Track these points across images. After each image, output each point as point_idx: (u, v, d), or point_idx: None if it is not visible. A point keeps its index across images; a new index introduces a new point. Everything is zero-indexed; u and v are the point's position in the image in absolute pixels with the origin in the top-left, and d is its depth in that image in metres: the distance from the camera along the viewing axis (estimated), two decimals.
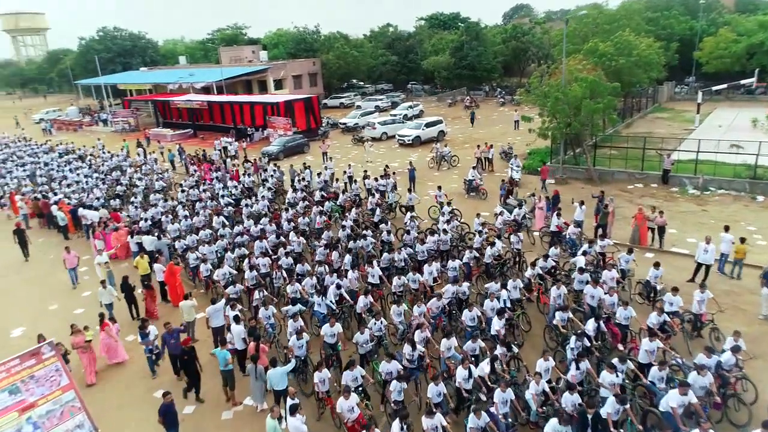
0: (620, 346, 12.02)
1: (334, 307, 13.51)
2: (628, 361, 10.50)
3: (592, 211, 19.74)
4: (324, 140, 35.05)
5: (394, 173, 25.51)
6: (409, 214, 19.34)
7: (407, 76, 65.41)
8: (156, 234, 18.76)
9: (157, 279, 16.36)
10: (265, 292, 14.32)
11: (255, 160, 29.58)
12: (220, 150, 36.34)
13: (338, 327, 11.90)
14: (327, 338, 11.88)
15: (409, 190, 22.17)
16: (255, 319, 13.19)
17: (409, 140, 36.47)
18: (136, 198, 23.61)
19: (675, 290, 12.75)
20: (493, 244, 16.11)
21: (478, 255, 16.03)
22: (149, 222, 20.50)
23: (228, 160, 31.50)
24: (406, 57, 63.96)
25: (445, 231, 17.27)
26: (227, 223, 19.95)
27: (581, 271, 13.88)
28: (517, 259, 16.76)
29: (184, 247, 17.94)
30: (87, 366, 12.81)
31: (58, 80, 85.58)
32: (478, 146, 29.39)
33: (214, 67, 56.56)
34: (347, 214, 20.32)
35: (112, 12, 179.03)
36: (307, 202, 21.70)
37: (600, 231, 18.42)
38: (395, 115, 43.09)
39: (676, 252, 18.03)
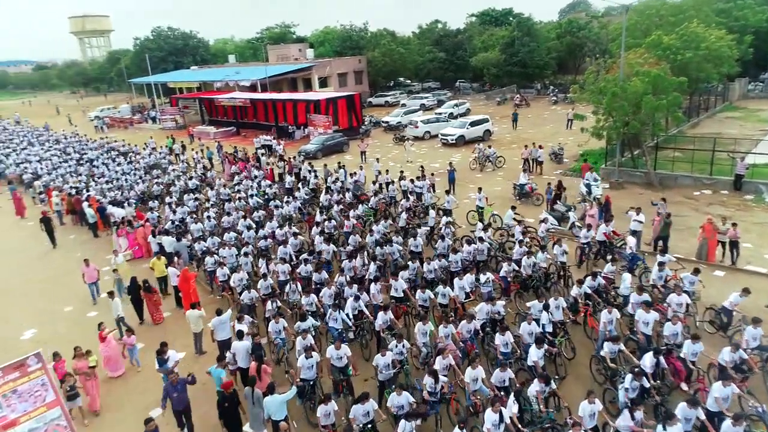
0: (684, 386, 10.07)
1: (350, 323, 12.12)
2: (699, 408, 8.58)
3: (650, 219, 17.53)
4: (363, 139, 33.80)
5: (432, 174, 23.94)
6: (444, 219, 17.73)
7: (455, 74, 63.36)
8: (177, 234, 18.01)
9: (171, 283, 15.52)
10: (279, 303, 13.11)
11: (289, 159, 28.64)
12: (258, 148, 35.80)
13: (345, 350, 10.50)
14: (334, 361, 10.52)
15: (447, 192, 20.57)
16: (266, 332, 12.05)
17: (452, 139, 34.71)
18: (171, 197, 23.07)
19: (757, 322, 10.58)
20: (532, 254, 14.34)
21: (517, 268, 14.28)
22: (174, 222, 19.82)
23: (263, 158, 30.75)
24: (454, 54, 61.92)
25: (481, 239, 15.60)
26: (253, 225, 18.98)
27: (641, 290, 11.90)
28: (562, 274, 14.85)
29: (204, 249, 17.07)
30: (90, 394, 11.44)
31: (117, 79, 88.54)
32: (526, 146, 27.34)
33: (260, 65, 56.50)
34: (379, 217, 18.98)
35: (169, 12, 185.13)
36: (342, 206, 20.24)
37: (660, 244, 16.24)
38: (440, 114, 41.36)
39: (751, 271, 15.61)
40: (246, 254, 16.01)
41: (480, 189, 20.38)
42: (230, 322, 12.25)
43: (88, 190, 24.66)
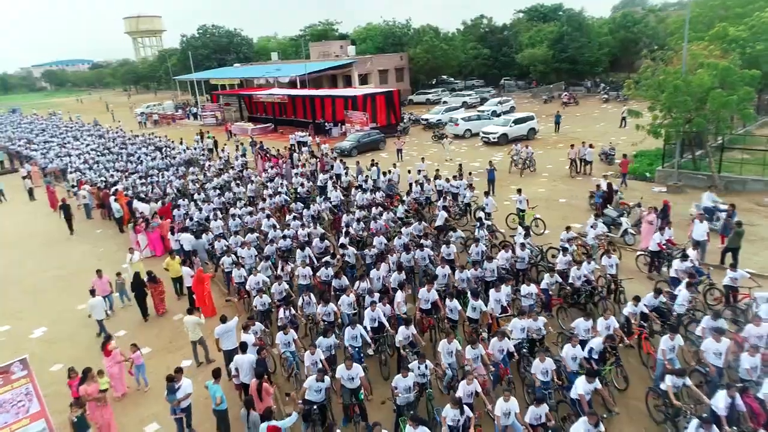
0: None
1: (368, 338, 10.81)
2: None
3: (717, 229, 15.48)
4: (399, 137, 32.46)
5: (470, 173, 22.38)
6: (483, 222, 16.17)
7: (500, 71, 61.16)
8: (196, 232, 17.20)
9: (185, 284, 14.65)
10: (293, 311, 11.95)
11: (321, 156, 27.60)
12: (292, 145, 35.05)
13: (357, 370, 9.22)
14: (345, 382, 9.24)
15: (486, 194, 18.97)
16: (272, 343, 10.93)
17: (494, 138, 32.92)
18: (199, 194, 22.31)
19: None
20: (579, 264, 12.66)
21: (560, 280, 12.64)
22: (194, 219, 19.07)
23: (295, 154, 29.88)
24: (500, 50, 59.76)
25: (522, 246, 14.01)
26: (277, 225, 17.96)
27: (716, 316, 10.07)
28: (613, 288, 13.09)
29: (224, 248, 16.16)
30: (101, 423, 9.72)
31: (165, 77, 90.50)
32: (572, 146, 25.33)
33: (301, 62, 56.07)
34: (409, 218, 17.64)
35: (220, 12, 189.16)
36: (381, 209, 18.41)
37: (730, 257, 14.21)
38: (482, 111, 39.55)
39: None
40: (267, 258, 14.92)
41: (520, 191, 18.70)
42: (238, 330, 11.15)
43: (115, 185, 24.29)
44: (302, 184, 22.66)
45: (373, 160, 25.44)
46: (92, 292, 13.72)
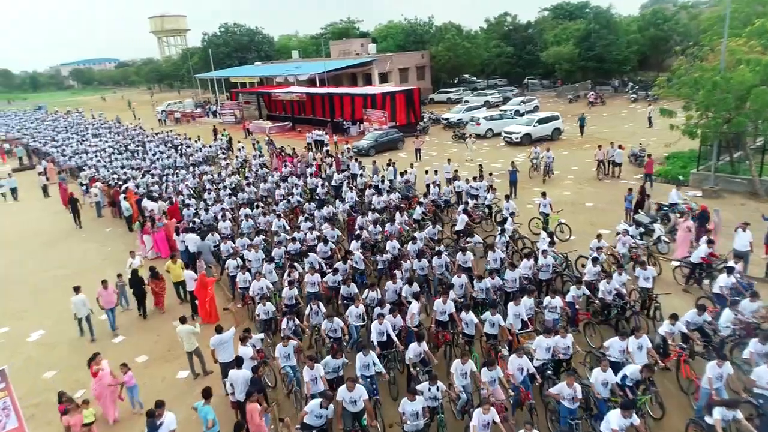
0: None
1: (382, 367, 9.54)
2: None
3: (761, 238, 14.17)
4: (418, 136, 31.47)
5: (491, 174, 21.31)
6: (505, 228, 15.11)
7: (524, 70, 59.64)
8: (201, 233, 16.53)
9: (187, 288, 13.93)
10: (297, 321, 11.08)
11: (337, 155, 26.77)
12: (310, 143, 34.37)
13: (361, 391, 8.32)
14: (347, 405, 8.35)
15: (507, 197, 17.87)
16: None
17: (517, 138, 31.70)
18: (209, 194, 21.63)
19: None
20: (609, 277, 11.55)
21: (588, 292, 11.55)
22: (202, 219, 18.42)
23: (310, 153, 29.11)
24: (524, 48, 58.26)
25: (544, 253, 12.95)
26: (287, 227, 17.15)
27: (764, 339, 8.91)
28: (647, 304, 11.94)
29: (230, 251, 15.43)
30: None
31: (187, 76, 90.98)
32: (600, 146, 24.02)
33: (321, 60, 55.45)
34: (426, 222, 16.68)
35: (246, 12, 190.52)
36: (404, 216, 17.07)
37: None
38: (504, 111, 38.34)
39: None
40: (271, 259, 14.11)
41: (544, 194, 17.59)
42: (236, 342, 10.34)
43: (125, 182, 23.80)
44: (322, 185, 21.61)
45: (390, 159, 24.51)
46: (76, 289, 13.13)
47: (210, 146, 33.45)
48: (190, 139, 36.23)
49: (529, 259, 12.97)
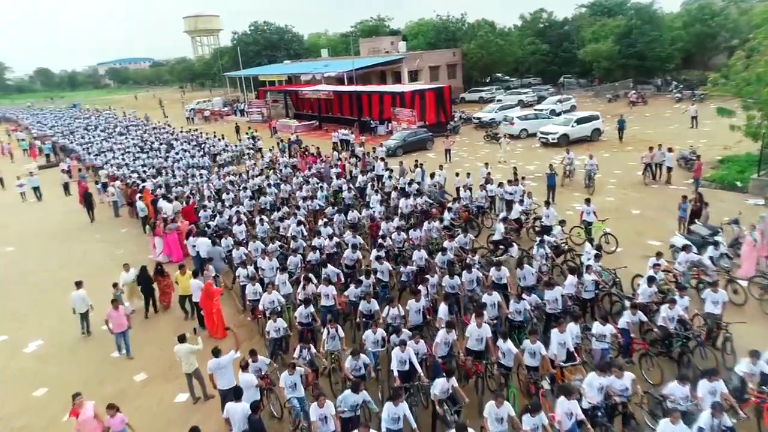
0: None
1: (413, 422, 7.77)
2: None
3: None
4: (448, 136, 29.96)
5: (523, 178, 19.69)
6: (544, 238, 13.54)
7: (559, 68, 57.27)
8: (214, 237, 15.46)
9: (193, 299, 12.83)
10: (314, 349, 9.70)
11: (363, 155, 25.47)
12: (335, 143, 33.23)
13: None
14: None
15: (548, 203, 16.23)
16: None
17: (553, 138, 29.87)
18: (227, 194, 20.62)
19: None
20: (672, 302, 9.90)
21: (645, 319, 9.92)
22: (215, 222, 17.37)
23: (335, 153, 27.90)
24: (560, 46, 55.91)
25: (589, 269, 11.37)
26: (305, 232, 15.92)
27: None
28: (715, 334, 10.23)
29: (242, 257, 14.31)
30: None
31: (218, 75, 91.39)
32: (651, 148, 22.06)
33: (349, 58, 54.39)
34: (456, 231, 15.23)
35: (275, 10, 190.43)
36: (433, 223, 15.41)
37: None
38: (540, 110, 36.46)
39: None
40: (283, 269, 12.88)
41: (588, 200, 15.93)
42: (237, 366, 9.12)
43: (144, 181, 22.99)
44: (348, 188, 20.12)
45: (416, 160, 23.08)
46: (77, 284, 12.73)
47: (235, 146, 32.56)
48: (214, 136, 35.49)
49: (575, 275, 11.39)
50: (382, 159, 24.17)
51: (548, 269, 12.85)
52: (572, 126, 30.11)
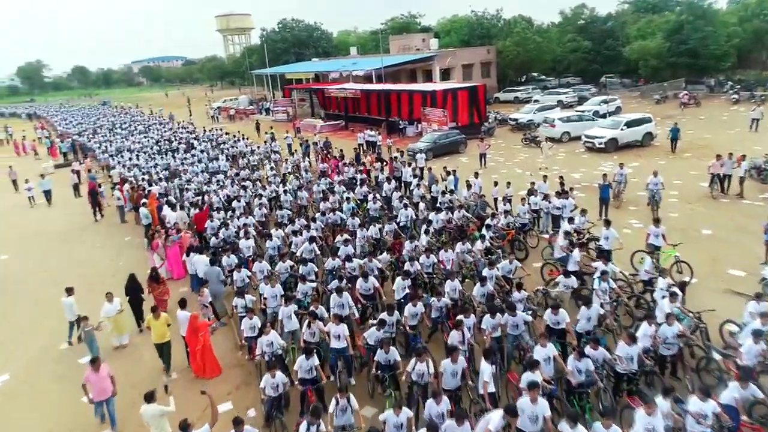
0: None
1: None
2: None
3: None
4: (483, 139, 27.48)
5: (571, 189, 17.16)
6: (603, 267, 11.04)
7: (601, 67, 53.80)
8: (214, 254, 13.48)
9: (180, 332, 10.78)
10: (322, 425, 7.18)
11: (390, 159, 23.17)
12: (360, 145, 31.10)
13: None
14: None
15: (608, 223, 13.34)
16: None
17: (600, 143, 27.07)
18: (238, 202, 18.66)
19: None
20: None
21: (762, 394, 7.39)
22: (222, 236, 15.35)
23: (360, 155, 25.72)
24: (603, 43, 52.49)
25: (671, 318, 8.89)
26: (317, 251, 13.73)
27: None
28: None
29: (245, 281, 12.26)
30: None
31: (247, 73, 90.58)
32: (718, 156, 19.16)
33: (379, 56, 52.24)
34: (496, 255, 12.87)
35: (306, 8, 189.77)
36: (467, 244, 13.06)
37: None
38: (583, 112, 33.59)
39: None
40: (291, 298, 10.73)
41: (658, 221, 13.32)
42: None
43: (151, 185, 21.18)
44: (374, 198, 17.47)
45: (445, 167, 20.67)
46: (68, 290, 11.83)
47: (258, 147, 30.43)
48: (233, 137, 33.75)
49: (651, 324, 8.92)
50: (410, 164, 21.84)
51: (612, 309, 10.37)
52: (621, 129, 27.23)
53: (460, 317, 9.45)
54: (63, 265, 17.22)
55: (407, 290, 11.14)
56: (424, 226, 14.34)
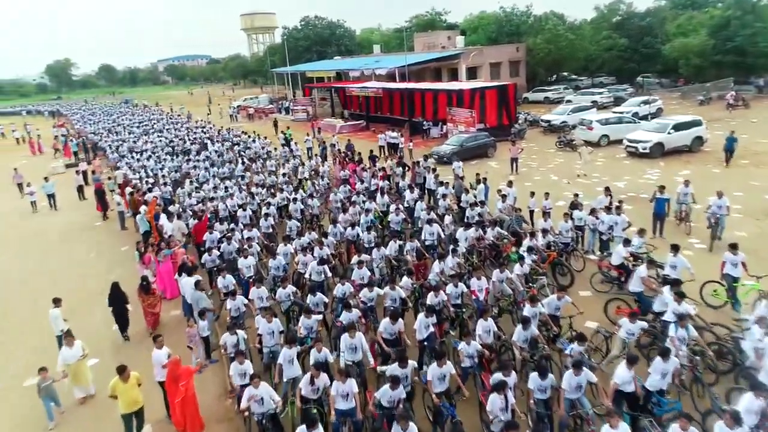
0: None
1: None
2: None
3: None
4: (515, 142, 25.24)
5: (621, 202, 14.88)
6: (678, 307, 8.87)
7: (638, 65, 50.77)
8: (215, 272, 11.74)
9: (156, 378, 8.94)
10: None
11: (413, 163, 21.10)
12: (381, 147, 29.16)
13: None
14: None
15: (675, 248, 10.90)
16: None
17: (644, 148, 24.61)
18: (244, 211, 16.72)
19: None
20: None
21: None
22: (222, 252, 13.53)
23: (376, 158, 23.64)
24: (640, 41, 49.48)
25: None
26: (329, 273, 11.80)
27: None
28: None
29: (239, 311, 10.42)
30: None
31: (269, 71, 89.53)
32: None
33: (402, 54, 50.23)
34: (539, 285, 10.80)
35: (330, 6, 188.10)
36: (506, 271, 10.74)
37: None
38: (622, 113, 31.05)
39: None
40: (292, 341, 8.74)
41: (735, 246, 11.02)
42: None
43: (151, 189, 19.42)
44: (397, 210, 15.10)
45: (478, 174, 18.55)
46: (55, 301, 10.89)
47: (274, 148, 28.51)
48: (248, 136, 32.11)
49: (758, 396, 6.74)
50: (434, 169, 19.77)
51: (692, 365, 8.20)
52: (668, 133, 24.71)
53: (499, 376, 7.39)
54: (46, 282, 15.63)
55: (431, 329, 9.17)
56: (451, 246, 12.30)
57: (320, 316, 10.00)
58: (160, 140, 34.03)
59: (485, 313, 9.09)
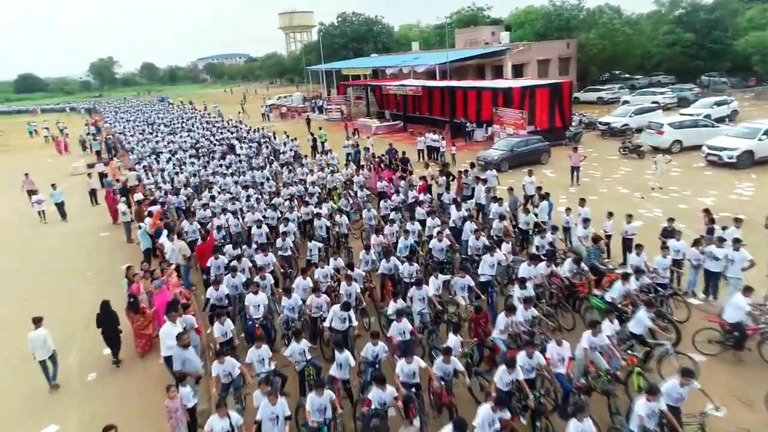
0: None
1: None
2: None
3: None
4: (575, 148, 21.97)
5: (714, 222, 11.61)
6: None
7: (704, 63, 46.20)
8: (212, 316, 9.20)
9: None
10: None
11: (460, 173, 18.09)
12: (421, 151, 26.33)
13: None
14: None
15: None
16: None
17: (729, 157, 20.98)
18: (259, 228, 13.87)
19: None
20: None
21: None
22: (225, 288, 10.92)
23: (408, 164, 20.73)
24: (707, 35, 44.95)
25: None
26: (350, 317, 9.09)
27: None
28: None
29: (229, 378, 7.83)
30: None
31: (304, 69, 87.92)
32: None
33: (443, 51, 47.23)
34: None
35: (371, 5, 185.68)
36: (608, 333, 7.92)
37: None
38: (698, 116, 27.26)
39: None
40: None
41: None
42: None
43: (158, 201, 17.04)
44: (440, 234, 12.12)
45: (540, 188, 15.50)
46: (36, 321, 9.85)
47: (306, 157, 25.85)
48: (275, 137, 29.75)
49: None
50: (484, 180, 16.80)
51: None
52: (759, 140, 21.01)
53: None
54: (34, 303, 13.47)
55: (497, 425, 6.33)
56: (516, 289, 9.39)
57: (333, 395, 7.19)
58: (185, 141, 32.00)
59: (580, 409, 6.16)
